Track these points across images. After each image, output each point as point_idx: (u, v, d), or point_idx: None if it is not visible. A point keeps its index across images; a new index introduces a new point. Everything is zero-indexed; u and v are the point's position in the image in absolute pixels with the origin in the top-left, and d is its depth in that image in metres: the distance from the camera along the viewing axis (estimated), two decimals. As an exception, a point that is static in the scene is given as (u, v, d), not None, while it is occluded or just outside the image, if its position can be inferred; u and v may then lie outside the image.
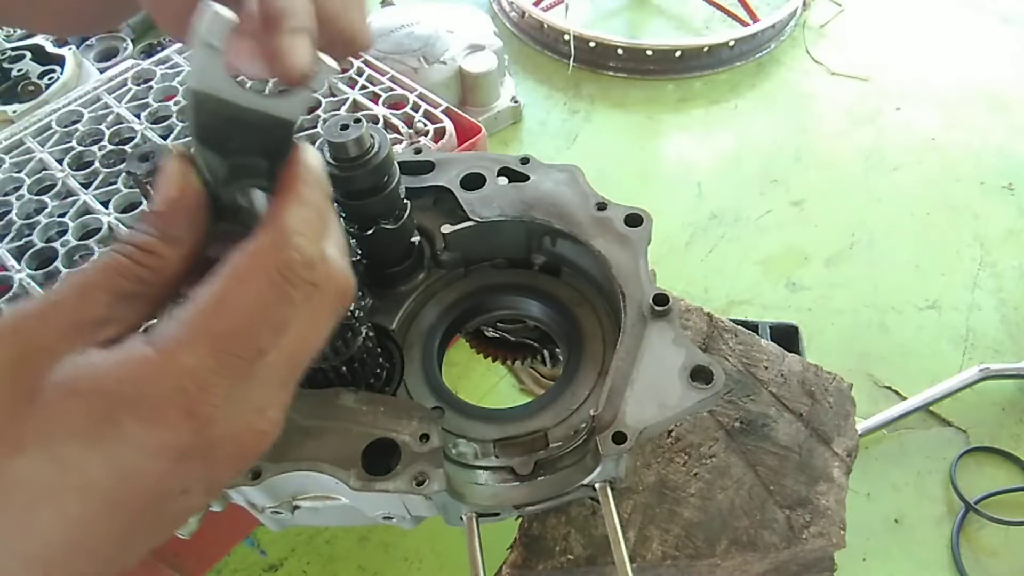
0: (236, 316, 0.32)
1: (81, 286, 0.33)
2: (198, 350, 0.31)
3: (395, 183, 0.60)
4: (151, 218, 0.35)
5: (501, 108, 1.79)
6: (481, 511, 0.57)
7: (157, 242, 0.35)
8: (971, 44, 2.01)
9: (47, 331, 0.32)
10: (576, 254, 0.69)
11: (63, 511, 0.31)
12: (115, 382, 0.31)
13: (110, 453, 0.31)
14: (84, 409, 0.30)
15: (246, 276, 0.33)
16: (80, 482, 0.31)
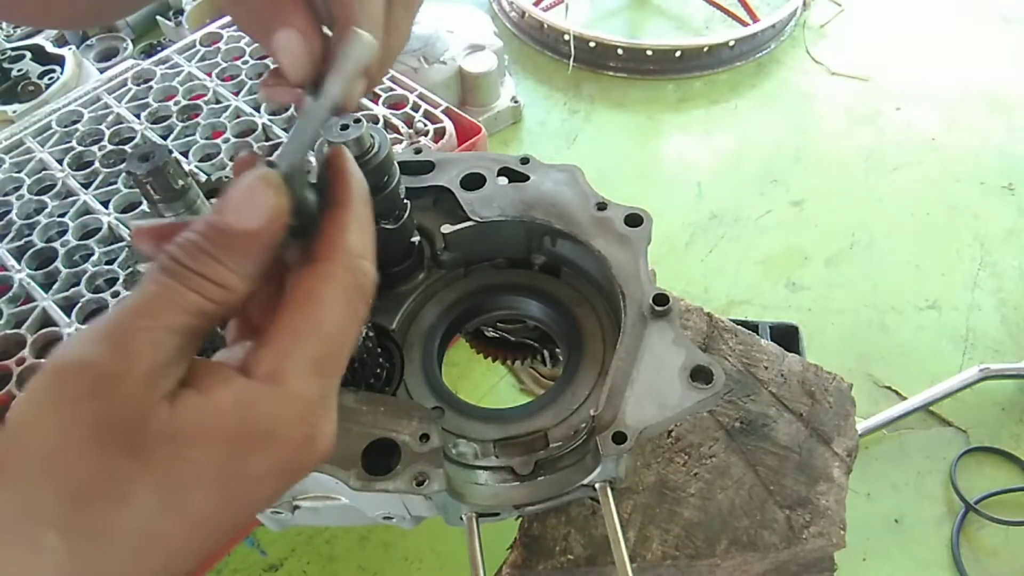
0: (329, 342, 0.34)
1: (150, 330, 0.31)
2: (309, 379, 0.33)
3: (395, 183, 0.60)
4: (227, 245, 0.33)
5: (501, 108, 1.79)
6: (481, 511, 0.57)
7: (233, 277, 0.33)
8: (971, 44, 2.01)
9: (128, 387, 0.30)
10: (576, 254, 0.69)
11: (170, 546, 0.31)
12: (236, 423, 0.31)
13: (233, 491, 0.32)
14: (204, 455, 0.31)
15: (330, 303, 0.34)
16: (194, 521, 0.31)
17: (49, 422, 0.29)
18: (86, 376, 0.29)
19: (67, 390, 0.29)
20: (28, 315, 0.86)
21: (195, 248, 0.32)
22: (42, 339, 0.84)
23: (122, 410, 0.29)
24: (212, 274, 0.32)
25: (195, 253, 0.32)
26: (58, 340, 0.84)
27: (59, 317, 0.85)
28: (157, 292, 0.31)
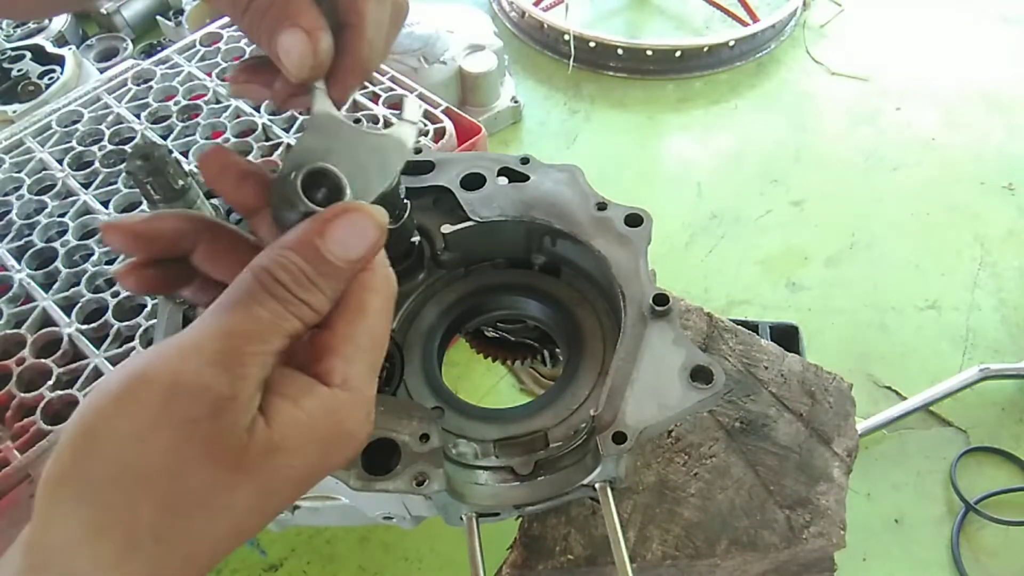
0: (379, 347, 0.38)
1: (261, 355, 0.34)
2: (369, 381, 0.37)
3: (395, 183, 0.60)
4: (329, 274, 0.36)
5: (501, 108, 1.79)
6: (481, 511, 0.57)
7: (326, 302, 0.36)
8: (971, 44, 2.01)
9: (238, 408, 0.32)
10: (576, 254, 0.69)
11: (245, 537, 0.35)
12: (327, 428, 0.35)
13: (312, 482, 0.36)
14: (301, 462, 0.34)
15: (377, 311, 0.38)
16: (273, 510, 0.35)
17: (163, 438, 0.31)
18: (204, 400, 0.32)
19: (186, 411, 0.31)
20: (28, 315, 0.86)
21: (302, 276, 0.35)
22: (42, 339, 0.84)
23: (232, 429, 0.32)
24: (313, 301, 0.35)
25: (302, 280, 0.35)
26: (58, 340, 0.84)
27: (59, 317, 0.85)
28: (266, 318, 0.34)
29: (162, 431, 0.31)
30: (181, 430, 0.31)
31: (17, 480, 0.73)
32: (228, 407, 0.32)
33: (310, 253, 0.35)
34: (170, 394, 0.31)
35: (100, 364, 0.81)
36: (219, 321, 0.34)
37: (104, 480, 0.31)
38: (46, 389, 0.79)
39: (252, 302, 0.34)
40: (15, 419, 0.78)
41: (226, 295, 0.35)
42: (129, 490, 0.31)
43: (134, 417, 0.31)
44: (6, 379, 0.80)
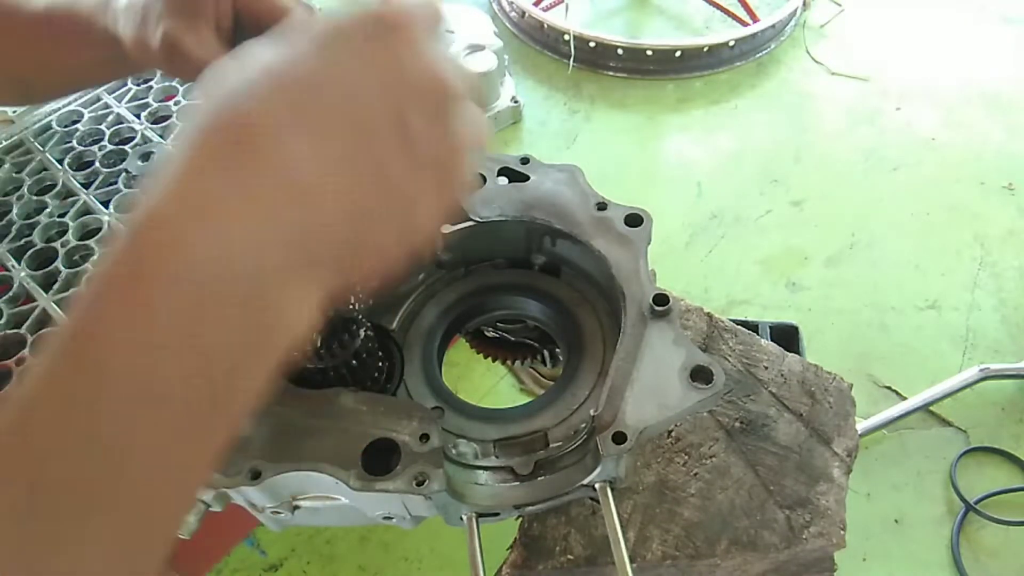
0: None
1: None
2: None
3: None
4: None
5: (501, 108, 1.79)
6: (481, 511, 0.57)
7: None
8: (971, 44, 2.01)
9: None
10: (576, 254, 0.69)
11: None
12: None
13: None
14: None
15: None
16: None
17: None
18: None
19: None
20: (28, 315, 0.86)
21: None
22: (42, 339, 0.84)
23: None
24: None
25: None
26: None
27: (59, 317, 0.85)
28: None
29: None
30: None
31: (17, 480, 0.73)
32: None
33: None
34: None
35: (100, 364, 0.81)
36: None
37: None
38: (46, 389, 0.79)
39: None
40: (15, 419, 0.78)
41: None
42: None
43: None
44: (6, 379, 0.80)
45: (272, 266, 0.32)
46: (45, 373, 0.30)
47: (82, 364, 0.29)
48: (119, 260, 0.30)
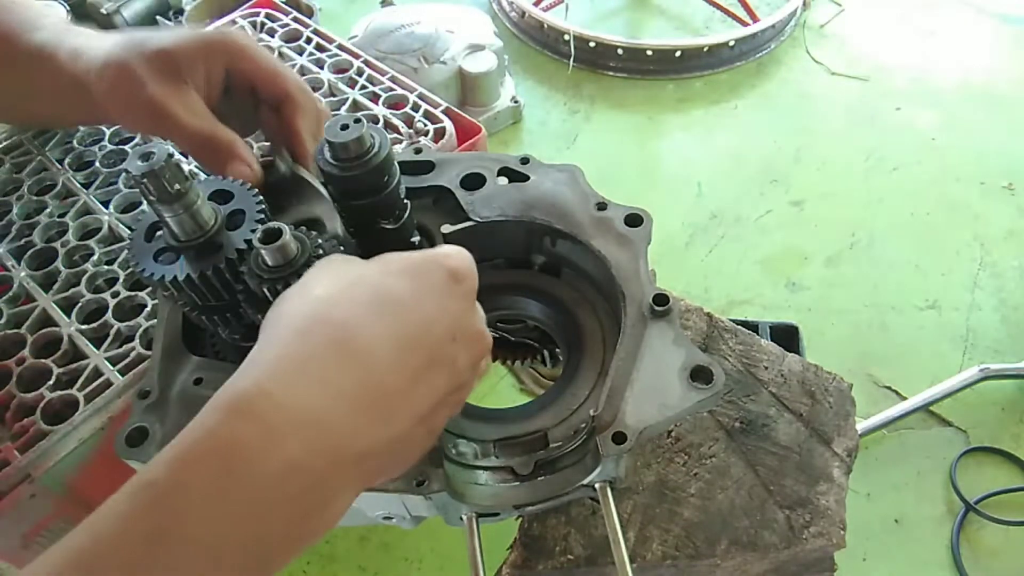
0: None
1: None
2: None
3: (395, 183, 0.60)
4: None
5: (501, 108, 1.79)
6: (481, 511, 0.57)
7: None
8: (971, 44, 2.01)
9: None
10: (576, 254, 0.69)
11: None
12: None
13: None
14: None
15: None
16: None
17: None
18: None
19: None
20: (28, 315, 0.86)
21: None
22: (42, 339, 0.84)
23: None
24: None
25: None
26: (58, 340, 0.84)
27: (59, 317, 0.85)
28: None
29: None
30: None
31: (17, 480, 0.73)
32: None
33: None
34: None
35: (100, 364, 0.81)
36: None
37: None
38: (46, 389, 0.79)
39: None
40: (15, 419, 0.78)
41: None
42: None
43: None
44: (6, 379, 0.80)
45: (340, 474, 0.38)
46: (121, 513, 0.34)
47: (158, 514, 0.33)
48: (213, 435, 0.36)
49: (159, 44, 0.59)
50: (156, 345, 0.63)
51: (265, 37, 1.19)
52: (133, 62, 0.58)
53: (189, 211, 0.51)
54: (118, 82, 0.59)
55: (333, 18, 2.08)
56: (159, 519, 0.33)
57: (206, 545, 0.33)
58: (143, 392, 0.60)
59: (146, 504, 0.34)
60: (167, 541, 0.33)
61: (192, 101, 0.58)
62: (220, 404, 0.37)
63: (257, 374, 0.38)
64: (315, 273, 0.44)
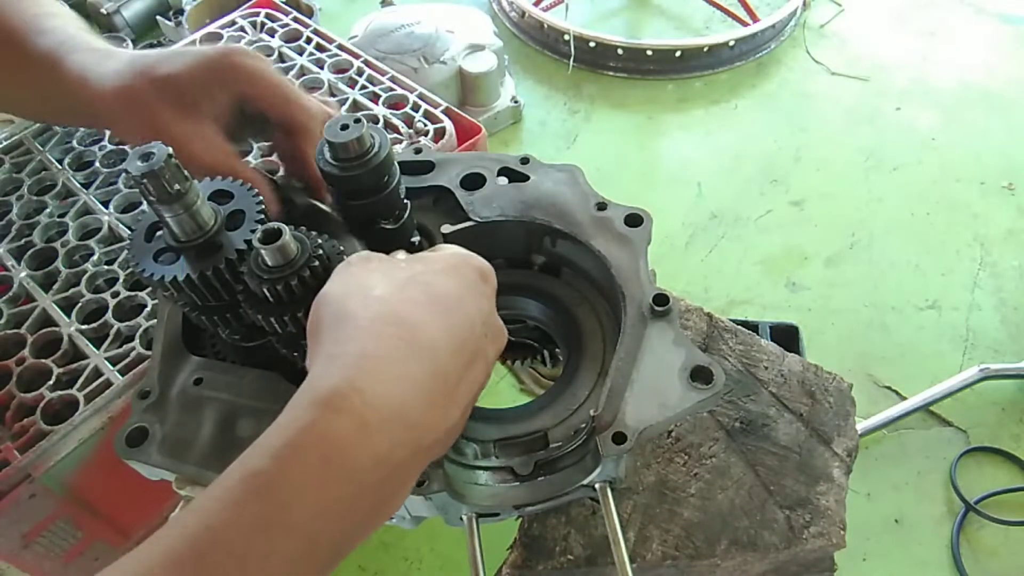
0: None
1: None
2: None
3: (395, 183, 0.60)
4: None
5: (501, 108, 1.79)
6: (481, 511, 0.57)
7: None
8: (971, 44, 2.01)
9: None
10: (576, 254, 0.69)
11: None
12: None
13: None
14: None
15: None
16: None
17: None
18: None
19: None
20: (28, 315, 0.86)
21: None
22: (42, 339, 0.84)
23: None
24: None
25: None
26: (58, 340, 0.84)
27: (59, 317, 0.85)
28: None
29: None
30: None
31: (17, 480, 0.73)
32: None
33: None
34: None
35: (100, 364, 0.81)
36: None
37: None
38: (46, 389, 0.79)
39: None
40: (15, 419, 0.78)
41: None
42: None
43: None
44: (6, 379, 0.80)
45: (416, 463, 0.43)
46: (231, 501, 0.36)
47: (266, 503, 0.36)
48: (313, 429, 0.39)
49: (169, 71, 0.58)
50: (156, 345, 0.63)
51: (265, 37, 1.19)
52: (144, 91, 0.57)
53: (189, 211, 0.51)
54: (131, 112, 0.59)
55: (333, 18, 2.08)
56: (266, 508, 0.36)
57: (306, 532, 0.37)
58: (143, 392, 0.60)
59: (254, 493, 0.36)
60: (273, 528, 0.36)
61: (209, 134, 0.58)
62: (316, 400, 0.40)
63: (345, 372, 0.41)
64: (363, 273, 0.48)
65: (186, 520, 0.36)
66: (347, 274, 0.48)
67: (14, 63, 0.65)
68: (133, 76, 0.58)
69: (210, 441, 0.56)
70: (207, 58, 0.58)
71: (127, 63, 0.59)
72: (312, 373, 0.42)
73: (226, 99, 0.59)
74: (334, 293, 0.47)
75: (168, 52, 0.60)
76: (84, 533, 0.85)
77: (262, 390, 0.58)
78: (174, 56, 0.59)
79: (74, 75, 0.61)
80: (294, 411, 0.40)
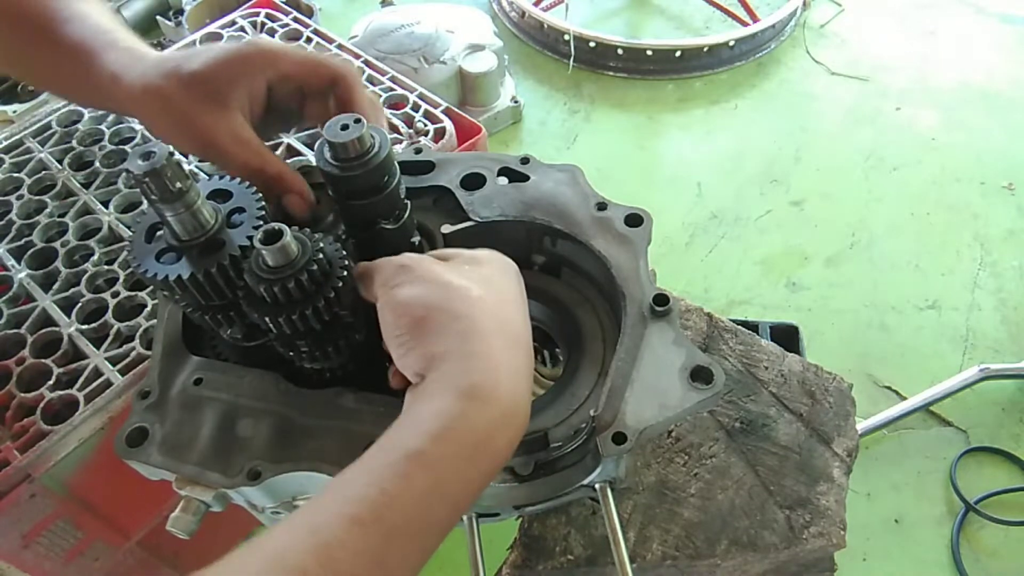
0: None
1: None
2: None
3: (395, 183, 0.60)
4: None
5: (501, 108, 1.79)
6: (481, 511, 0.57)
7: None
8: (971, 44, 2.01)
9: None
10: (576, 254, 0.69)
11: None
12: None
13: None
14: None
15: None
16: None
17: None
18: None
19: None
20: (28, 315, 0.86)
21: None
22: (42, 339, 0.84)
23: None
24: None
25: None
26: (58, 340, 0.84)
27: (59, 317, 0.85)
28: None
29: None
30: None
31: (17, 480, 0.73)
32: None
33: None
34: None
35: (100, 364, 0.81)
36: None
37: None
38: (46, 389, 0.79)
39: None
40: (15, 419, 0.78)
41: None
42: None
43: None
44: (6, 379, 0.80)
45: (504, 441, 0.48)
46: (401, 473, 0.43)
47: (430, 476, 0.43)
48: (463, 417, 0.46)
49: (196, 68, 0.58)
50: (156, 345, 0.63)
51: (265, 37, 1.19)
52: (172, 91, 0.58)
53: (190, 210, 0.51)
54: (162, 112, 0.59)
55: (333, 18, 2.08)
56: (431, 482, 0.43)
57: (454, 500, 0.45)
58: (143, 392, 0.60)
59: (421, 468, 0.43)
60: (434, 497, 0.43)
61: (238, 128, 0.58)
62: (462, 393, 0.46)
63: (482, 368, 0.47)
64: (439, 275, 0.51)
65: (355, 488, 0.43)
66: (421, 278, 0.51)
67: (45, 49, 0.65)
68: (162, 77, 0.59)
69: (210, 441, 0.56)
70: (232, 51, 0.59)
71: (155, 64, 0.60)
72: (447, 368, 0.47)
73: (256, 88, 0.60)
74: (425, 296, 0.50)
75: (194, 50, 0.60)
76: (84, 533, 0.84)
77: (262, 390, 0.58)
78: (200, 53, 0.60)
79: (107, 74, 0.61)
80: (440, 402, 0.46)
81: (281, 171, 0.60)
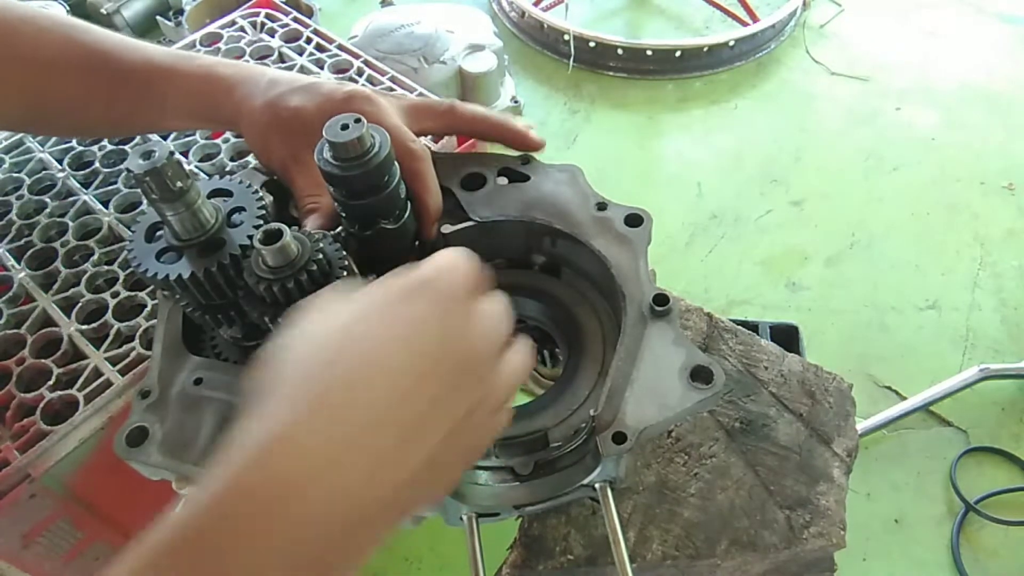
0: None
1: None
2: None
3: (395, 183, 0.60)
4: None
5: (501, 108, 1.79)
6: (481, 511, 0.57)
7: None
8: (971, 44, 2.01)
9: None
10: (576, 254, 0.69)
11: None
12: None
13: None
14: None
15: None
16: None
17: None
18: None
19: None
20: (28, 315, 0.86)
21: None
22: (42, 339, 0.84)
23: None
24: None
25: None
26: (58, 340, 0.84)
27: (59, 317, 0.85)
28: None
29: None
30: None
31: (17, 480, 0.73)
32: None
33: None
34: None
35: (100, 364, 0.81)
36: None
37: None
38: (46, 389, 0.79)
39: None
40: (15, 419, 0.77)
41: None
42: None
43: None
44: (6, 379, 0.80)
45: (374, 515, 0.37)
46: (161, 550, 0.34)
47: (196, 555, 0.34)
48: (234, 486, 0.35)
49: (297, 105, 0.64)
50: (156, 345, 0.63)
51: (265, 37, 1.19)
52: (268, 119, 0.65)
53: (191, 209, 0.51)
54: (253, 133, 0.67)
55: (333, 18, 2.08)
56: (198, 562, 0.34)
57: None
58: (143, 392, 0.60)
59: (183, 542, 0.34)
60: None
61: (313, 170, 0.61)
62: (243, 454, 0.36)
63: (272, 425, 0.37)
64: (320, 303, 0.43)
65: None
66: (307, 307, 0.42)
67: (107, 78, 0.70)
68: (266, 102, 0.65)
69: (210, 441, 0.56)
70: (332, 100, 0.64)
71: (264, 88, 0.66)
72: (240, 424, 0.38)
73: None
74: (284, 334, 0.41)
75: (300, 86, 0.65)
76: (84, 533, 0.84)
77: (262, 390, 0.58)
78: (304, 90, 0.65)
79: (223, 90, 0.68)
80: (224, 465, 0.36)
81: (334, 213, 0.64)
